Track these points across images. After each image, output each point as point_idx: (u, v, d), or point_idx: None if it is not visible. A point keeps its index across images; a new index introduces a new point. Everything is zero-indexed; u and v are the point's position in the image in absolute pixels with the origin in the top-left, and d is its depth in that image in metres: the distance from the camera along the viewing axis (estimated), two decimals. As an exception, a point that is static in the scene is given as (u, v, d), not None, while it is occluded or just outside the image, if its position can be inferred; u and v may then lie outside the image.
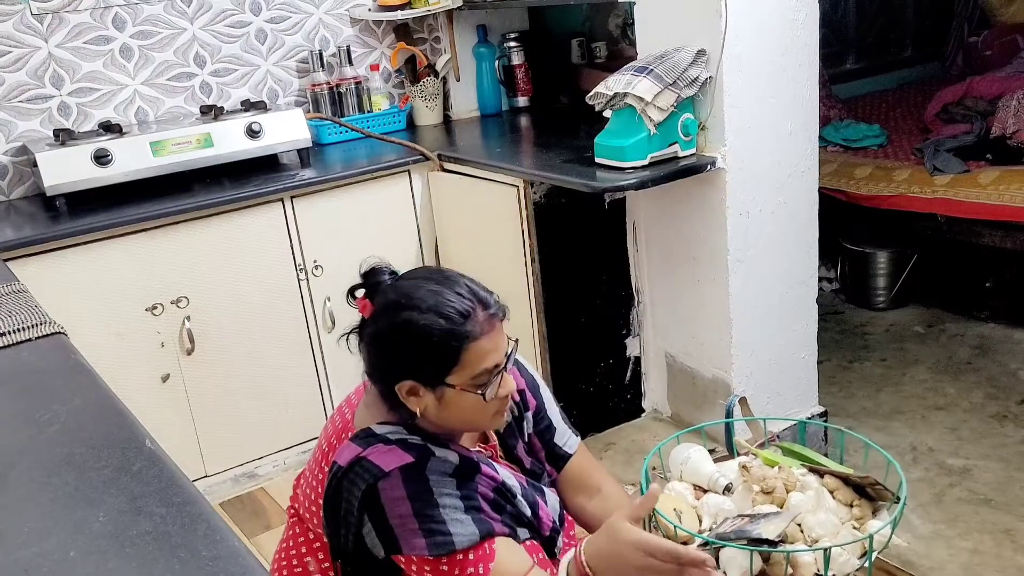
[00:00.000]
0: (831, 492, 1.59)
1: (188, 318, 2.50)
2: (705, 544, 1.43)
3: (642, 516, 1.34)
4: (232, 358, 2.59)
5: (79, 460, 0.96)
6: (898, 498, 1.51)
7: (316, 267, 2.66)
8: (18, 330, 1.35)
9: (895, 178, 3.32)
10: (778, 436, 1.75)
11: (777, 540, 1.41)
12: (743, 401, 1.86)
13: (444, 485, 1.34)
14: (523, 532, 1.43)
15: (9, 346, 1.31)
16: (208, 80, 2.98)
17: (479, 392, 1.35)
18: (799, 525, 1.47)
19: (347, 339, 1.43)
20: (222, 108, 2.82)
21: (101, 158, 2.49)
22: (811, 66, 2.25)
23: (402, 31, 3.25)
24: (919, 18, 4.62)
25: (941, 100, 3.73)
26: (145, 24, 2.84)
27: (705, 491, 1.60)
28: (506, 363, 1.37)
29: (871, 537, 1.43)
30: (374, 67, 3.22)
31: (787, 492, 1.53)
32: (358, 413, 1.45)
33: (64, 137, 2.56)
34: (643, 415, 2.69)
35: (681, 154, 2.19)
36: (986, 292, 3.32)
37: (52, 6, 2.70)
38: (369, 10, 3.18)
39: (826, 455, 2.55)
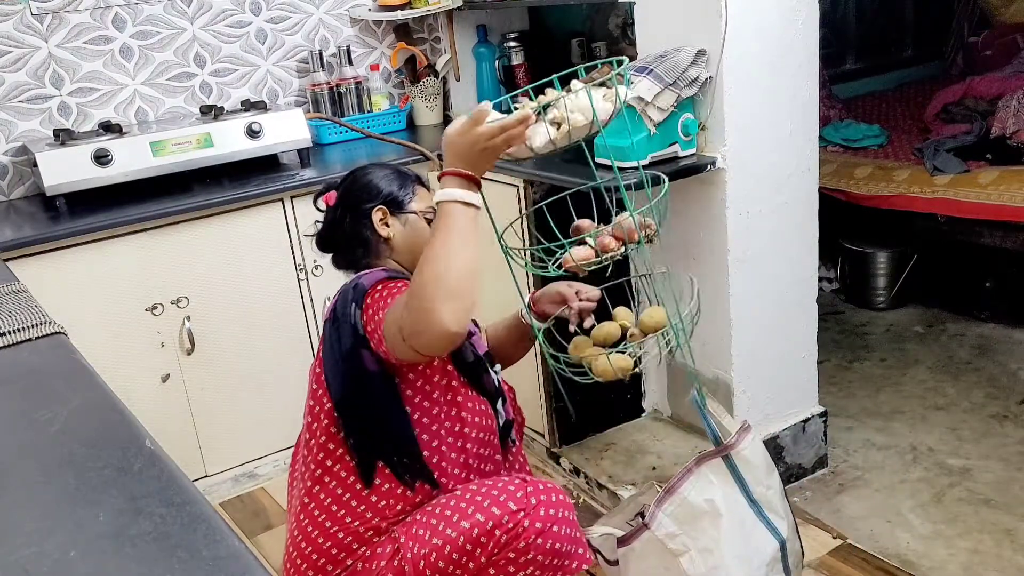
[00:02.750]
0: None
1: (188, 318, 2.50)
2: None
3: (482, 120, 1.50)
4: (232, 358, 2.59)
5: (79, 460, 0.96)
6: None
7: (316, 267, 2.66)
8: (18, 330, 1.35)
9: (895, 178, 3.32)
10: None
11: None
12: (699, 393, 1.88)
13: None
14: None
15: (9, 346, 1.31)
16: (208, 80, 2.98)
17: (430, 224, 1.70)
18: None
19: (313, 241, 1.83)
20: (222, 108, 2.82)
21: (101, 158, 2.49)
22: (811, 66, 2.25)
23: (402, 31, 3.25)
24: (919, 18, 4.62)
25: (941, 100, 3.73)
26: (145, 24, 2.84)
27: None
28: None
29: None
30: (374, 67, 3.22)
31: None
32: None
33: (64, 137, 2.56)
34: (643, 415, 2.69)
35: (681, 154, 2.19)
36: (986, 292, 3.32)
37: (52, 6, 2.70)
38: (369, 10, 3.18)
39: (826, 455, 2.55)
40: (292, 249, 2.63)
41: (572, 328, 1.78)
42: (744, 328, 2.32)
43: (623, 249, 1.63)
